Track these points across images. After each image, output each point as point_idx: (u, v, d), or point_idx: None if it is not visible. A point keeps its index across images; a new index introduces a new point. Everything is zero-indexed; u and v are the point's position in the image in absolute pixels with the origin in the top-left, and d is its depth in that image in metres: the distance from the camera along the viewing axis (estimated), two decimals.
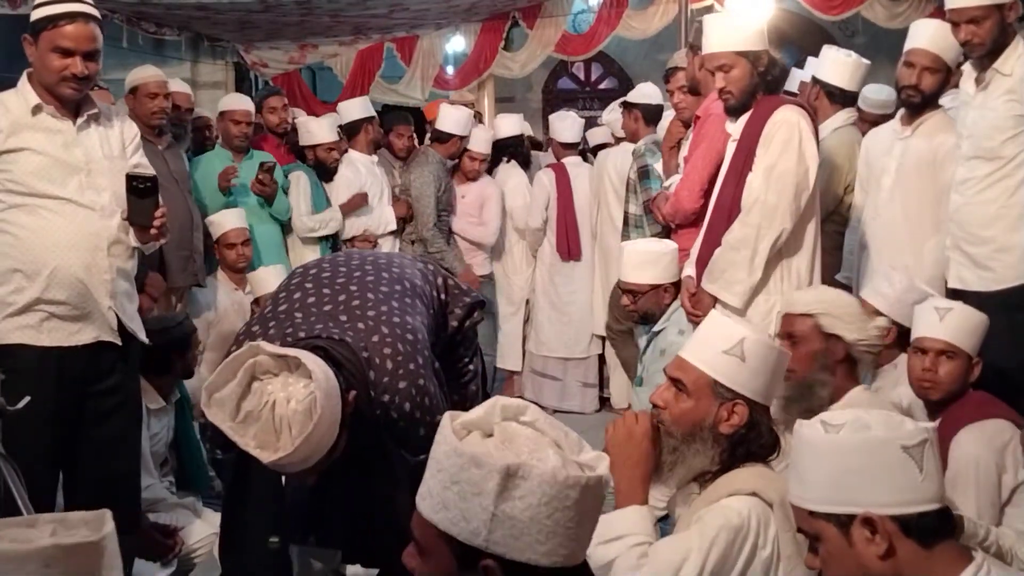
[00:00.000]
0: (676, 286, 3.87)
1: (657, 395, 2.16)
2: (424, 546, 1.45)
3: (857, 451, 1.58)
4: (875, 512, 1.56)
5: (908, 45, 3.79)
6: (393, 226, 5.67)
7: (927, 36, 3.73)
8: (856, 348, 2.77)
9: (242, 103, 5.33)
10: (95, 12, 3.00)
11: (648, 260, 3.91)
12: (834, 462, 1.60)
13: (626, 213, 5.14)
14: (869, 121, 4.54)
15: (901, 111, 3.93)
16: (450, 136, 5.79)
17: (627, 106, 5.48)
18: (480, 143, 5.90)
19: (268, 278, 4.60)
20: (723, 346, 2.09)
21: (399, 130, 5.90)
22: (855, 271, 4.01)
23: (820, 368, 2.76)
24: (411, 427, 2.25)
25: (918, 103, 3.77)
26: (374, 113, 5.87)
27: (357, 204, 5.54)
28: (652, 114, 5.33)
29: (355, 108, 5.83)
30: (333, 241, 5.50)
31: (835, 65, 4.43)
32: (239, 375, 1.92)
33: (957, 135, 3.59)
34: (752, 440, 2.10)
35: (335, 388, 2.00)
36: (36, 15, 2.94)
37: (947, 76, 3.76)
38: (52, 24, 2.91)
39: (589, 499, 1.41)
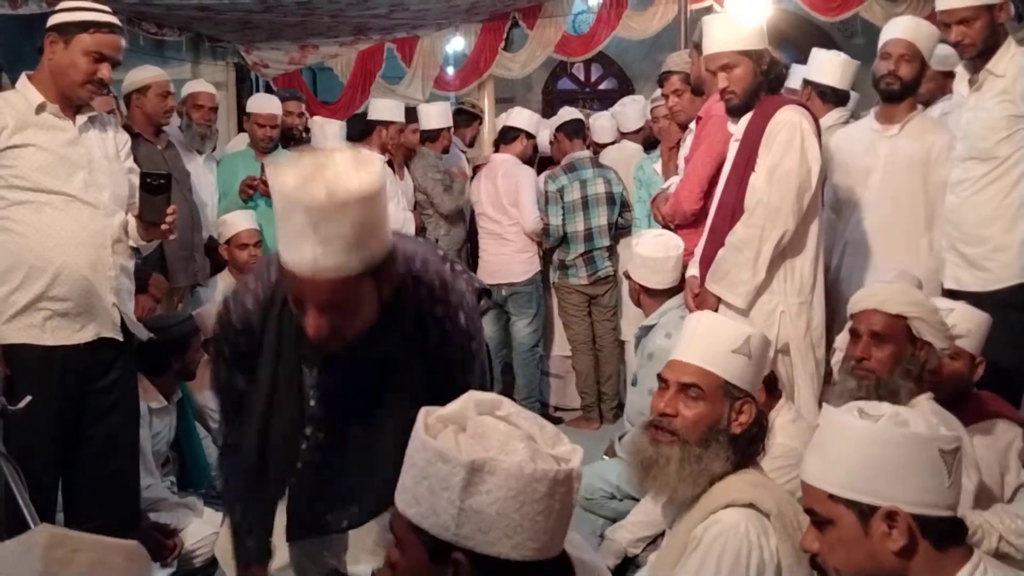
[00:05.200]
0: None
1: (667, 404, 2.14)
2: (400, 539, 1.47)
3: (894, 445, 1.57)
4: (900, 508, 1.56)
5: (882, 39, 3.76)
6: (411, 230, 5.52)
7: (900, 27, 3.74)
8: (940, 355, 2.69)
9: (268, 106, 5.26)
10: None
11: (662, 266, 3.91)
12: (867, 450, 1.58)
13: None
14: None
15: (875, 108, 3.87)
16: (439, 131, 5.82)
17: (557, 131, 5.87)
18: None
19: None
20: (731, 345, 2.10)
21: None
22: (833, 268, 3.87)
23: (903, 373, 2.66)
24: (435, 301, 2.10)
25: (897, 90, 3.71)
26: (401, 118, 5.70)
27: None
28: (572, 129, 5.74)
29: (385, 109, 5.71)
30: None
31: (824, 65, 4.42)
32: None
33: (952, 136, 3.59)
34: (757, 437, 2.12)
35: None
36: (71, 17, 2.97)
37: (922, 67, 3.72)
38: (93, 28, 2.97)
39: (559, 493, 1.41)
